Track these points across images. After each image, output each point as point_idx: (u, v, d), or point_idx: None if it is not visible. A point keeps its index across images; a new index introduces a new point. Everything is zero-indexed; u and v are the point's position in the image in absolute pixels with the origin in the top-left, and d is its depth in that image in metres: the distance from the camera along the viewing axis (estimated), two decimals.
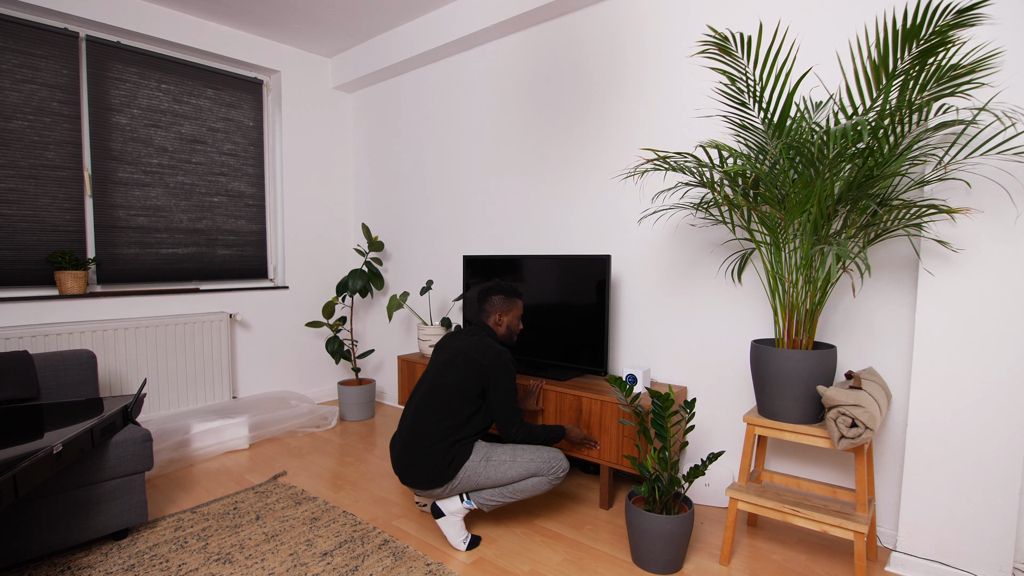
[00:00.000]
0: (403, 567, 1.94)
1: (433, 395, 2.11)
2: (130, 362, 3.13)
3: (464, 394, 2.08)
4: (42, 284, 2.99)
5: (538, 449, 2.13)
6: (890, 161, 1.68)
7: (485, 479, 2.05)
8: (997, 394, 1.74)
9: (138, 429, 2.14)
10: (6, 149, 2.86)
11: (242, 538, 2.14)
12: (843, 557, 2.04)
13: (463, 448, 2.06)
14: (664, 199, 2.59)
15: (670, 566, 1.92)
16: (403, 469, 2.09)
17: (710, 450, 2.54)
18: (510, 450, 2.10)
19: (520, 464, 2.07)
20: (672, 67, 2.56)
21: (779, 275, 1.93)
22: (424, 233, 3.82)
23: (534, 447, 2.13)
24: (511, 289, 2.35)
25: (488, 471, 2.05)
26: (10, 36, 2.86)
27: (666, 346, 2.64)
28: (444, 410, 2.07)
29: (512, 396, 2.11)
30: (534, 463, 2.08)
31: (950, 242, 1.80)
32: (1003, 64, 1.70)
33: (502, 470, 2.05)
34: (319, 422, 3.52)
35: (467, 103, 3.45)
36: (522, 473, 2.06)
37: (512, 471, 2.06)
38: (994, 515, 1.75)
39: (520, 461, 2.07)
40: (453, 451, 2.04)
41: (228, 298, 3.65)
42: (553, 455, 2.12)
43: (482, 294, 2.34)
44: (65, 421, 1.97)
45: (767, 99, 1.99)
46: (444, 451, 2.03)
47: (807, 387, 1.85)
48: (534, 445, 2.15)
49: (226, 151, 3.72)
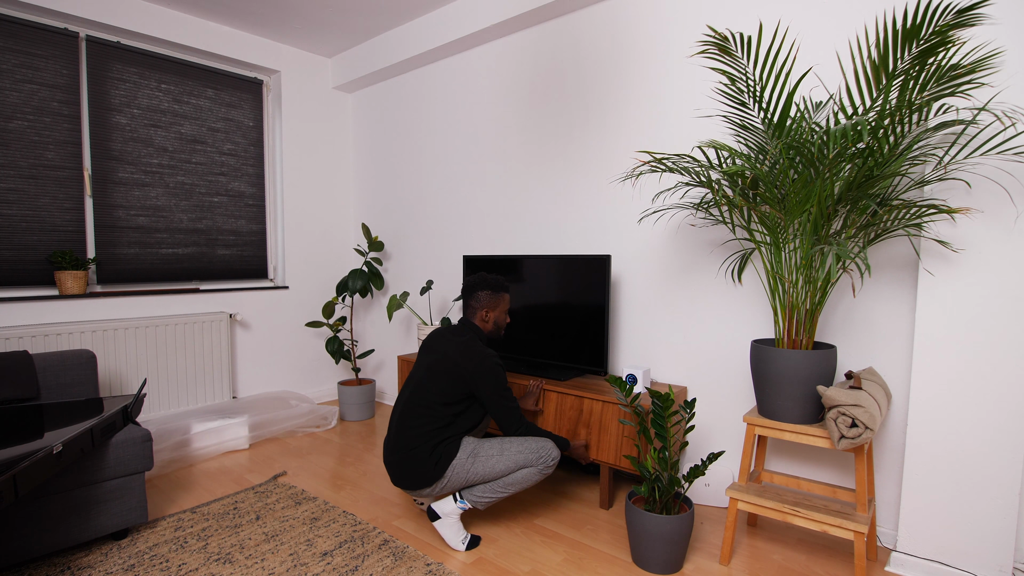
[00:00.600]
0: (403, 567, 1.94)
1: (418, 398, 2.10)
2: (130, 362, 3.13)
3: (449, 397, 2.07)
4: (42, 284, 2.99)
5: (526, 440, 2.11)
6: (890, 161, 1.68)
7: (474, 475, 2.04)
8: (997, 394, 1.74)
9: (138, 429, 2.14)
10: (6, 149, 2.86)
11: (242, 538, 2.14)
12: (843, 557, 2.04)
13: (450, 446, 2.05)
14: (664, 199, 2.59)
15: (670, 566, 1.92)
16: (393, 471, 2.09)
17: (710, 450, 2.54)
18: (497, 443, 2.09)
19: (508, 457, 2.06)
20: (672, 67, 2.56)
21: (779, 275, 1.93)
22: (424, 233, 3.82)
23: (521, 439, 2.11)
24: (497, 283, 2.29)
25: (476, 466, 2.04)
26: (10, 36, 2.86)
27: (666, 346, 2.64)
28: (429, 412, 2.06)
29: (504, 395, 2.09)
30: (522, 454, 2.06)
31: (950, 242, 1.80)
32: (1003, 64, 1.70)
33: (490, 464, 2.04)
34: (319, 422, 3.52)
35: (467, 103, 3.45)
36: (511, 466, 2.05)
37: (501, 464, 2.04)
38: (994, 515, 1.75)
39: (508, 454, 2.06)
40: (440, 450, 2.03)
41: (228, 298, 3.65)
42: (541, 444, 2.10)
43: (467, 289, 2.29)
44: (65, 421, 1.97)
45: (767, 99, 1.99)
46: (431, 451, 2.03)
47: (807, 387, 1.85)
48: (523, 437, 2.13)
49: (226, 151, 3.72)
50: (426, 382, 2.11)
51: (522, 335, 2.89)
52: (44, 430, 1.86)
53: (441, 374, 2.09)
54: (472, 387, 2.07)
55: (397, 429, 2.10)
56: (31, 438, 1.77)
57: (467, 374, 2.06)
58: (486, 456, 2.05)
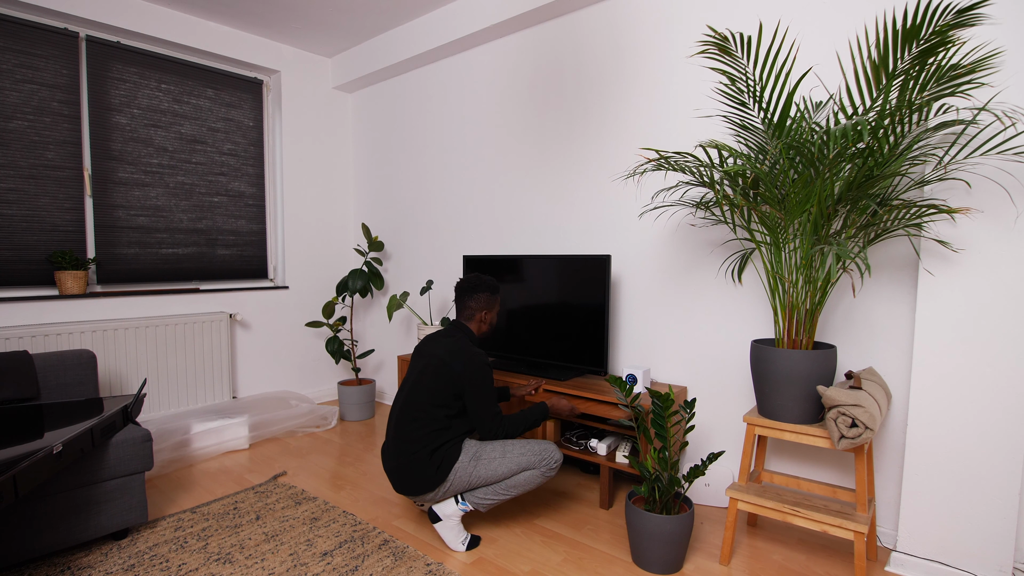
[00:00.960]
0: (403, 567, 1.94)
1: (412, 403, 2.08)
2: (130, 362, 3.13)
3: (442, 399, 2.05)
4: (42, 284, 2.99)
5: (529, 442, 2.10)
6: (890, 161, 1.68)
7: (477, 478, 2.03)
8: (997, 394, 1.74)
9: (138, 429, 2.14)
10: (6, 149, 2.86)
11: (242, 538, 2.14)
12: (843, 557, 2.04)
13: (451, 449, 2.04)
14: (664, 198, 2.59)
15: (670, 566, 1.92)
16: (395, 478, 2.07)
17: (710, 450, 2.53)
18: (500, 446, 2.08)
19: (511, 459, 2.05)
20: (672, 67, 2.56)
21: (779, 275, 1.93)
22: (424, 233, 3.82)
23: (524, 441, 2.11)
24: (494, 284, 2.28)
25: (479, 469, 2.03)
26: (10, 36, 2.86)
27: (666, 346, 2.64)
28: (425, 417, 2.04)
29: (489, 399, 2.07)
30: (525, 457, 2.05)
31: (950, 242, 1.80)
32: (1003, 64, 1.70)
33: (493, 467, 2.03)
34: (319, 422, 3.52)
35: (467, 103, 3.45)
36: (513, 468, 2.04)
37: (503, 467, 2.04)
38: (994, 515, 1.75)
39: (511, 456, 2.05)
40: (440, 454, 2.02)
41: (228, 298, 3.65)
42: (544, 447, 2.09)
43: (467, 290, 2.25)
44: (65, 421, 1.97)
45: (767, 99, 1.99)
46: (431, 455, 2.01)
47: (807, 387, 1.85)
48: (523, 439, 2.13)
49: (226, 151, 3.72)
50: (419, 386, 2.09)
51: (523, 335, 2.89)
52: (44, 430, 1.86)
53: (432, 377, 2.07)
54: (462, 386, 2.06)
55: (394, 435, 2.09)
56: (31, 438, 1.77)
57: (458, 375, 2.04)
58: (488, 459, 2.04)
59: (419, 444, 2.02)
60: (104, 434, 1.98)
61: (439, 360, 2.08)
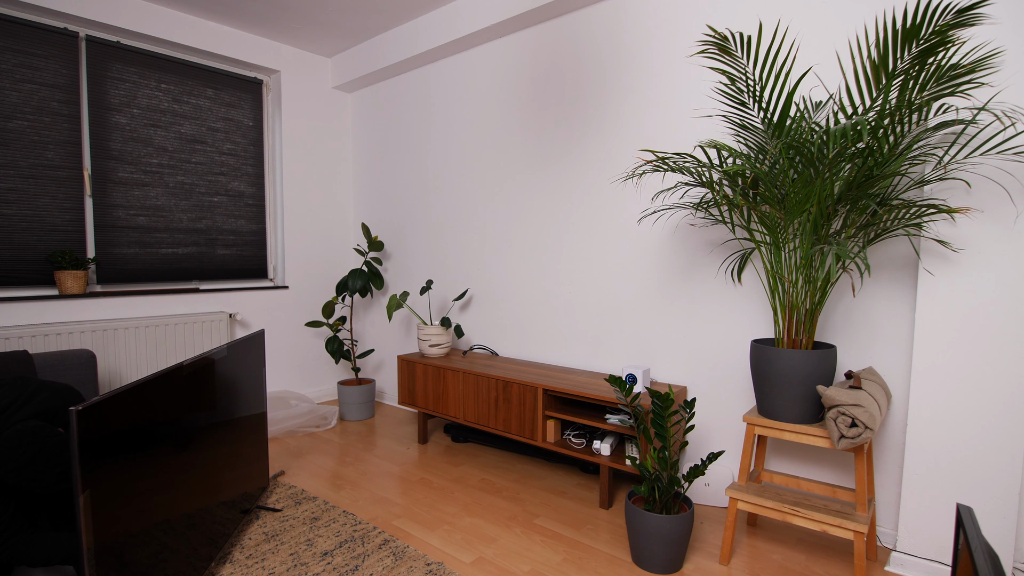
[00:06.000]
0: (403, 567, 1.94)
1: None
2: (130, 362, 3.13)
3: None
4: (42, 284, 2.99)
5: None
6: (890, 161, 1.68)
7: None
8: (997, 394, 1.74)
9: None
10: (6, 149, 2.86)
11: (242, 538, 2.14)
12: (843, 557, 2.04)
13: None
14: (664, 199, 2.59)
15: (670, 566, 1.92)
16: None
17: (710, 450, 2.54)
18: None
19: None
20: (672, 67, 2.56)
21: (779, 275, 1.93)
22: (424, 233, 3.82)
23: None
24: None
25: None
26: (10, 36, 2.86)
27: (666, 346, 2.64)
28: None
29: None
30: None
31: (950, 242, 1.80)
32: (1003, 64, 1.70)
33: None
34: (319, 422, 3.52)
35: (467, 102, 3.45)
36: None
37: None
38: (994, 515, 1.75)
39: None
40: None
41: (228, 298, 3.65)
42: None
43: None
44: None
45: (767, 99, 1.99)
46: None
47: (807, 387, 1.85)
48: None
49: (226, 151, 3.72)
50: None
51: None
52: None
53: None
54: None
55: None
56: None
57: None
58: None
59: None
60: None
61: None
